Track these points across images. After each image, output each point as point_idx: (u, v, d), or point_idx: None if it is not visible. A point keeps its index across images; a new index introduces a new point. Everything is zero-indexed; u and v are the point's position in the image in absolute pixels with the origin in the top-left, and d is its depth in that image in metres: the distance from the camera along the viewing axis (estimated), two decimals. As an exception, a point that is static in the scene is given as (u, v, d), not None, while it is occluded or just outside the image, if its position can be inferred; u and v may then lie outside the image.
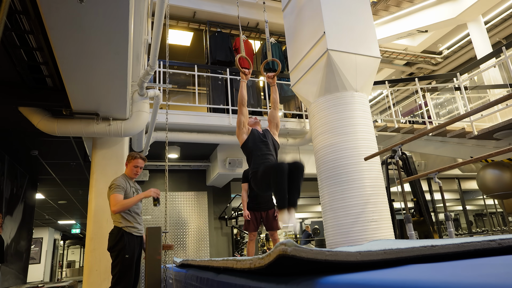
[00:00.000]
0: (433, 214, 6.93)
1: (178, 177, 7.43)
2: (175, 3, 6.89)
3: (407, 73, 10.52)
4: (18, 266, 7.15)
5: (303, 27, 4.90)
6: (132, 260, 3.13)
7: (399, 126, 6.50)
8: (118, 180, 3.20)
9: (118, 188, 3.13)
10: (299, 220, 16.42)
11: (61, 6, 2.19)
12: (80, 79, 3.12)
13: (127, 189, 3.21)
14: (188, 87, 7.49)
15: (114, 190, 3.12)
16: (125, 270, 3.06)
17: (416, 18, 8.20)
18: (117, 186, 3.13)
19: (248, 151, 3.25)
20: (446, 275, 0.53)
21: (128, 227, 3.17)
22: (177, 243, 7.03)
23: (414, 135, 3.88)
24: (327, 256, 0.73)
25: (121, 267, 3.04)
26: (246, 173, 4.67)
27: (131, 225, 3.20)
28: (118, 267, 3.05)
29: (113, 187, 3.15)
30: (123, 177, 3.30)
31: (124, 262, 3.06)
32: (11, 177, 6.55)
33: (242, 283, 1.08)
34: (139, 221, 3.30)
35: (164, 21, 2.88)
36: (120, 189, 3.14)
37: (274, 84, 3.44)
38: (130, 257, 3.10)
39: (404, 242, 1.56)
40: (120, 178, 3.25)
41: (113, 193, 3.11)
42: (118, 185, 3.14)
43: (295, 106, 7.17)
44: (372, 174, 4.18)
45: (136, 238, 3.22)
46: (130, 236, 3.16)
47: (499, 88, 7.15)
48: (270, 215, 4.46)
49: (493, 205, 11.67)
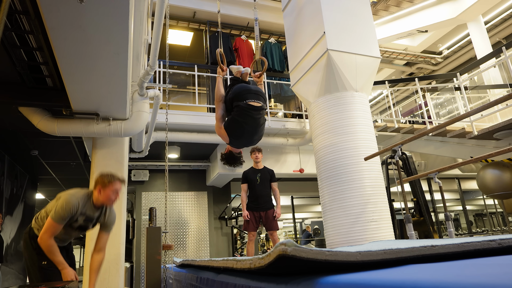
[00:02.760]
0: (433, 214, 6.93)
1: (178, 177, 7.43)
2: (175, 3, 6.89)
3: (407, 73, 10.52)
4: (18, 266, 7.15)
5: (303, 27, 4.90)
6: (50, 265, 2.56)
7: (399, 126, 6.50)
8: (70, 203, 2.46)
9: (60, 216, 2.44)
10: (299, 220, 16.42)
11: (61, 6, 2.19)
12: (80, 79, 3.12)
13: (73, 222, 2.55)
14: (188, 87, 7.49)
15: (56, 216, 2.43)
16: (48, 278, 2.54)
17: (416, 18, 8.20)
18: (60, 213, 2.43)
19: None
20: (446, 275, 0.53)
21: None
22: (177, 243, 7.03)
23: (414, 135, 3.89)
24: (327, 256, 0.73)
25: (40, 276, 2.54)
26: (245, 173, 4.69)
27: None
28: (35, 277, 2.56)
29: (58, 209, 2.44)
30: (83, 199, 2.55)
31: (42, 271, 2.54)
32: (11, 177, 6.55)
33: (242, 283, 1.08)
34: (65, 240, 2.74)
35: (164, 21, 2.88)
36: (63, 219, 2.45)
37: (261, 83, 3.34)
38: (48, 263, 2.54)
39: (404, 242, 1.56)
40: (77, 199, 2.51)
41: (52, 220, 2.43)
42: (62, 214, 2.43)
43: (295, 106, 7.17)
44: (372, 174, 4.18)
45: None
46: None
47: (499, 88, 7.15)
48: (270, 215, 4.49)
49: (493, 205, 11.67)
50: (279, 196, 4.68)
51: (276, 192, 4.65)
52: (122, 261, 4.32)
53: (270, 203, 4.57)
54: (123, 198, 4.49)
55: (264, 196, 4.53)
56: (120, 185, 2.61)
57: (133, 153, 5.85)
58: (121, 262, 4.27)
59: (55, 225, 2.43)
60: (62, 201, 2.47)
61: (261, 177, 4.60)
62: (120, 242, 4.30)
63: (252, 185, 4.57)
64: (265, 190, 4.57)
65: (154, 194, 7.20)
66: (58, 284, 2.11)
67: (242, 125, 2.78)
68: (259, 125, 2.85)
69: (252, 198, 4.55)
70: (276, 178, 4.73)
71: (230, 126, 2.82)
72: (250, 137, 2.88)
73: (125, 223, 4.54)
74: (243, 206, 4.55)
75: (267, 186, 4.60)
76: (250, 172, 4.68)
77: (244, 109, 2.77)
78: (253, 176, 4.60)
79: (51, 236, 2.44)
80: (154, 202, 7.11)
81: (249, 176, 4.63)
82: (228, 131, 2.82)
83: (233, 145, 3.01)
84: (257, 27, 4.16)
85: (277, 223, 4.56)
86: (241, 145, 3.04)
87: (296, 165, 6.93)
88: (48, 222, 2.44)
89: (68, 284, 2.13)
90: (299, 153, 7.08)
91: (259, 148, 4.76)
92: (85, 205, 2.56)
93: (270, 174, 4.69)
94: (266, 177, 4.62)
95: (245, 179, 4.66)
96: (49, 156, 6.65)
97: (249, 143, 2.99)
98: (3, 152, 6.02)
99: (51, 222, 2.43)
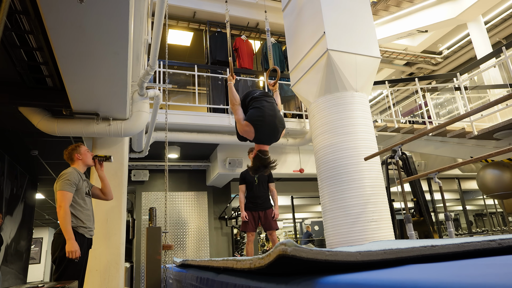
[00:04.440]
0: (433, 214, 6.93)
1: (178, 177, 7.43)
2: (175, 3, 6.89)
3: (407, 73, 10.52)
4: (18, 266, 7.15)
5: (303, 27, 4.90)
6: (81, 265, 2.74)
7: (399, 126, 6.50)
8: (71, 174, 2.77)
9: (68, 183, 2.71)
10: (299, 220, 16.42)
11: (61, 6, 2.19)
12: (80, 79, 3.12)
13: (78, 184, 2.83)
14: (188, 87, 7.49)
15: (63, 184, 2.69)
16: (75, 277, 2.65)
17: (416, 18, 8.20)
18: (67, 180, 2.71)
19: None
20: (446, 275, 0.53)
21: (79, 227, 2.79)
22: (177, 243, 7.03)
23: (414, 135, 3.89)
24: (327, 256, 0.73)
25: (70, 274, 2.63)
26: (243, 174, 4.67)
27: (83, 225, 2.82)
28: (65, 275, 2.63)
29: (62, 180, 2.71)
30: (76, 170, 2.90)
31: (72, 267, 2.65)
32: (11, 177, 6.55)
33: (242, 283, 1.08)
34: (92, 221, 2.96)
35: (164, 21, 2.88)
36: (71, 185, 2.72)
37: (276, 90, 3.44)
38: (80, 262, 2.69)
39: (404, 242, 1.56)
40: (73, 169, 2.85)
41: (61, 190, 2.68)
42: (69, 180, 2.72)
43: (295, 106, 7.17)
44: (372, 174, 4.18)
45: (87, 240, 2.88)
46: (81, 238, 2.78)
47: (499, 88, 7.15)
48: (268, 214, 4.49)
49: (493, 205, 11.67)
50: (277, 197, 4.67)
51: (274, 193, 4.64)
52: (122, 261, 4.32)
53: (269, 203, 4.57)
54: (123, 198, 4.49)
55: (262, 196, 4.53)
56: (84, 146, 3.07)
57: (133, 153, 5.85)
58: (121, 262, 4.27)
59: (65, 194, 2.68)
60: (61, 177, 2.76)
61: (259, 178, 4.58)
62: (120, 242, 4.30)
63: (250, 186, 4.56)
64: (263, 191, 4.56)
65: (154, 194, 7.20)
66: (58, 284, 2.11)
67: (261, 108, 2.85)
68: (275, 108, 2.96)
69: (250, 198, 4.54)
70: (273, 178, 4.72)
71: (250, 115, 2.85)
72: (272, 120, 2.84)
73: (125, 223, 4.54)
74: (241, 207, 4.54)
75: (265, 186, 4.59)
76: (248, 173, 4.66)
77: (257, 96, 2.96)
78: (251, 177, 4.58)
79: (66, 206, 2.65)
80: (154, 202, 7.11)
81: (247, 177, 4.60)
82: (250, 119, 2.82)
83: (259, 140, 2.87)
84: (269, 38, 4.18)
85: (276, 223, 4.56)
86: (267, 137, 2.87)
87: (296, 165, 6.93)
88: (58, 195, 2.68)
89: (68, 284, 2.13)
90: (299, 153, 7.09)
91: None
92: (79, 174, 2.89)
93: (268, 175, 4.64)
94: (263, 178, 4.61)
95: (243, 180, 4.63)
96: (49, 156, 6.64)
97: (273, 131, 2.86)
98: (3, 152, 6.02)
99: (61, 193, 2.68)
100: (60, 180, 2.74)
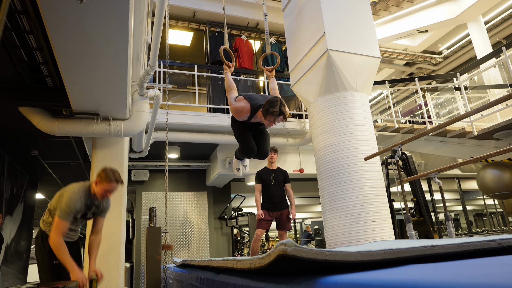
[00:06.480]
0: (433, 214, 6.93)
1: (178, 177, 7.43)
2: (175, 3, 6.89)
3: (407, 73, 10.52)
4: (18, 266, 7.15)
5: (303, 27, 4.90)
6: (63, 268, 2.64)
7: (399, 126, 6.50)
8: (76, 202, 2.59)
9: (69, 212, 2.56)
10: (299, 220, 16.42)
11: (61, 6, 2.19)
12: (80, 79, 3.12)
13: (77, 215, 2.66)
14: (188, 87, 7.49)
15: (64, 213, 2.55)
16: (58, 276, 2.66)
17: (416, 18, 8.20)
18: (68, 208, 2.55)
19: None
20: (446, 275, 0.53)
21: None
22: (177, 243, 7.03)
23: (414, 135, 3.89)
24: (327, 256, 0.73)
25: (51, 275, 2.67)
26: (259, 173, 4.66)
27: None
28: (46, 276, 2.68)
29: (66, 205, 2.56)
30: (84, 193, 2.67)
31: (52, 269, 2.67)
32: (11, 177, 6.55)
33: (242, 283, 1.08)
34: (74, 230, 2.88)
35: (164, 21, 2.88)
36: (70, 214, 2.57)
37: (273, 76, 3.42)
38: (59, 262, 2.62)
39: (404, 242, 1.56)
40: (79, 195, 2.63)
41: (60, 218, 2.54)
42: (71, 209, 2.56)
43: (295, 106, 7.17)
44: (372, 174, 4.18)
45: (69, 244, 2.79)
46: None
47: (499, 88, 7.15)
48: (284, 214, 4.49)
49: (493, 205, 11.67)
50: (293, 197, 4.65)
51: (290, 193, 4.62)
52: (122, 261, 4.32)
53: (285, 203, 4.55)
54: (123, 198, 4.49)
55: (278, 196, 4.50)
56: (116, 186, 2.72)
57: (133, 153, 5.85)
58: (121, 262, 4.27)
59: (63, 223, 2.55)
60: (65, 200, 2.57)
61: (275, 178, 4.56)
62: (120, 242, 4.30)
63: (267, 185, 4.52)
64: (279, 191, 4.54)
65: (154, 194, 7.20)
66: (58, 284, 2.11)
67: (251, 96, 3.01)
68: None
69: (267, 198, 4.51)
70: (289, 179, 4.71)
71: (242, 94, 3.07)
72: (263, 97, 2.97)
73: (125, 223, 4.54)
74: (257, 206, 4.49)
75: (281, 186, 4.57)
76: (264, 172, 4.62)
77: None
78: (267, 177, 4.55)
79: (60, 235, 2.54)
80: (154, 202, 7.11)
81: (263, 176, 4.57)
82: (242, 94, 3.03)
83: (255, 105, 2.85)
84: (266, 22, 4.17)
85: (290, 224, 4.56)
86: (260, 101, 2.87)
87: (296, 165, 6.93)
88: (56, 222, 2.55)
89: (68, 284, 2.13)
90: (299, 153, 7.08)
91: (275, 148, 4.73)
92: (86, 198, 2.69)
93: (284, 175, 4.65)
94: (280, 178, 4.59)
95: (259, 179, 4.58)
96: (49, 156, 6.65)
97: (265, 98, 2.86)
98: (3, 152, 6.02)
99: (59, 221, 2.54)
100: (64, 202, 2.57)
